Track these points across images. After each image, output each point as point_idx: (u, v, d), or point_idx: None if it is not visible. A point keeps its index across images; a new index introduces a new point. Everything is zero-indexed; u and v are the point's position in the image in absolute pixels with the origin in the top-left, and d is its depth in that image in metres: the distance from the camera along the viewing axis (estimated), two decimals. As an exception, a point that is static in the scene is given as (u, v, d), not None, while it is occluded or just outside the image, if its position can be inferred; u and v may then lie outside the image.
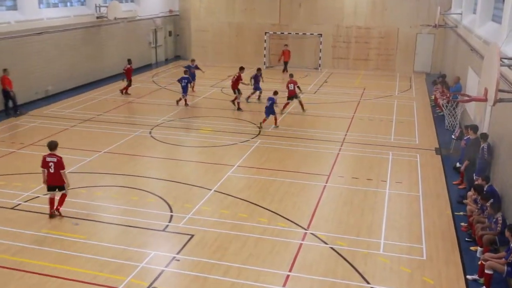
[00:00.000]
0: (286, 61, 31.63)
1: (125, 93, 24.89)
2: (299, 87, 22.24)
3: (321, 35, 32.61)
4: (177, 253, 10.52)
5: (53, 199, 12.04)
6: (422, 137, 18.77)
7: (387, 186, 14.24)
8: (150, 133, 18.86)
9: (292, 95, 21.80)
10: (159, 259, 10.32)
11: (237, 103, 22.50)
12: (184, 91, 22.72)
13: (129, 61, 25.12)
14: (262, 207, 12.75)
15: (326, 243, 11.04)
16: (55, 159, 11.71)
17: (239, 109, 22.32)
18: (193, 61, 26.62)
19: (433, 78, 27.35)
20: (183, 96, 22.75)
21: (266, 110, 19.60)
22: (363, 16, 32.22)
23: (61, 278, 9.58)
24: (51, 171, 11.72)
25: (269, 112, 19.51)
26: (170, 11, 36.05)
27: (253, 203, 12.97)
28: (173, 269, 9.98)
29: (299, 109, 22.07)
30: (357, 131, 19.45)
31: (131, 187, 13.91)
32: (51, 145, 11.90)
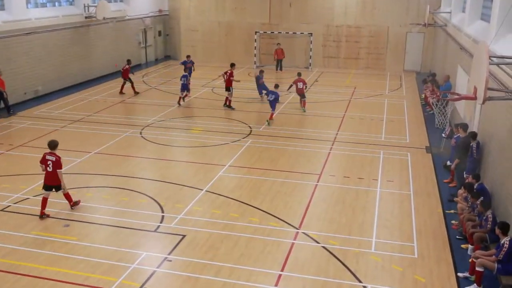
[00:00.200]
0: (279, 59, 31.66)
1: (135, 93, 24.94)
2: (306, 86, 22.71)
3: (312, 34, 32.64)
4: (169, 254, 10.49)
5: (47, 199, 12.00)
6: (412, 135, 18.85)
7: (379, 185, 14.28)
8: (140, 133, 18.78)
9: (301, 93, 22.21)
10: (150, 259, 10.29)
11: (228, 101, 22.49)
12: (182, 88, 22.85)
13: (128, 62, 25.28)
14: (253, 207, 12.74)
15: (318, 242, 11.06)
16: (53, 158, 11.86)
17: (230, 107, 22.33)
18: (189, 56, 26.58)
19: (423, 76, 27.48)
20: (181, 94, 22.92)
21: (271, 103, 20.17)
22: (353, 15, 32.28)
23: (52, 279, 9.51)
24: (49, 169, 11.86)
25: (273, 106, 20.09)
26: (159, 11, 35.93)
27: (245, 203, 12.96)
28: (165, 270, 9.95)
29: (292, 108, 22.07)
30: (348, 130, 19.49)
31: (122, 188, 13.84)
32: (51, 144, 12.06)
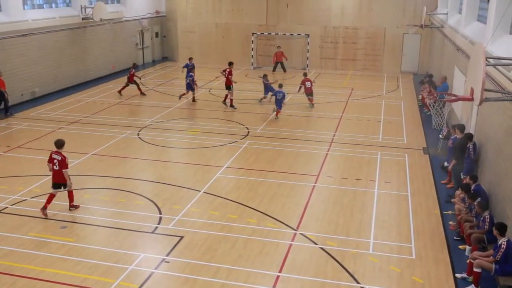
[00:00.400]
0: (278, 61, 31.64)
1: (141, 94, 25.10)
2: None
3: (309, 35, 32.67)
4: (167, 255, 10.48)
5: (54, 196, 12.17)
6: (410, 136, 18.88)
7: (376, 186, 14.30)
8: (138, 134, 18.76)
9: (310, 92, 22.83)
10: (148, 261, 10.28)
11: (229, 100, 22.59)
12: (187, 87, 23.41)
13: (134, 65, 25.50)
14: (251, 208, 12.74)
15: (315, 244, 11.06)
16: (59, 157, 12.03)
17: (232, 106, 22.46)
18: (191, 59, 25.68)
19: (420, 78, 27.55)
20: (186, 91, 23.40)
21: (277, 102, 20.92)
22: (350, 16, 32.32)
23: (50, 281, 9.49)
24: (55, 168, 12.06)
25: (279, 104, 20.86)
26: (156, 12, 35.92)
27: (242, 204, 12.96)
28: (163, 271, 9.93)
29: (290, 109, 22.11)
30: (346, 131, 19.51)
31: (120, 189, 13.83)
32: (58, 143, 12.24)
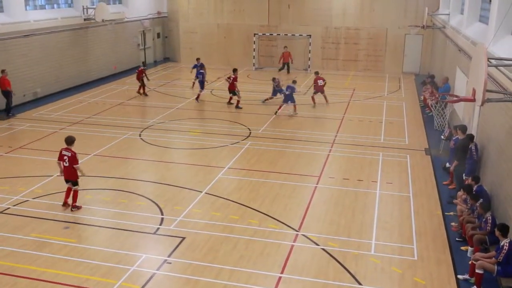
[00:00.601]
0: (285, 62, 31.71)
1: (143, 94, 25.28)
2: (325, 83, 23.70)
3: (310, 36, 32.64)
4: (168, 256, 10.48)
5: (70, 189, 12.51)
6: (411, 137, 18.86)
7: (378, 186, 14.28)
8: (140, 135, 18.76)
9: (321, 90, 23.42)
10: (150, 262, 10.28)
11: (236, 101, 22.88)
12: (200, 86, 23.95)
13: (143, 64, 25.77)
14: (253, 209, 12.73)
15: (317, 244, 11.05)
16: (69, 154, 12.32)
17: (238, 106, 22.67)
18: (198, 59, 26.11)
19: (422, 78, 27.47)
20: (200, 91, 23.94)
21: (285, 97, 21.37)
22: (351, 17, 32.30)
23: (51, 282, 9.50)
24: (65, 164, 12.40)
25: (288, 99, 21.21)
26: (158, 13, 35.93)
27: (244, 205, 12.95)
28: (165, 272, 9.93)
29: (286, 110, 22.14)
30: (347, 132, 19.50)
31: (122, 190, 13.83)
32: (68, 140, 12.52)
